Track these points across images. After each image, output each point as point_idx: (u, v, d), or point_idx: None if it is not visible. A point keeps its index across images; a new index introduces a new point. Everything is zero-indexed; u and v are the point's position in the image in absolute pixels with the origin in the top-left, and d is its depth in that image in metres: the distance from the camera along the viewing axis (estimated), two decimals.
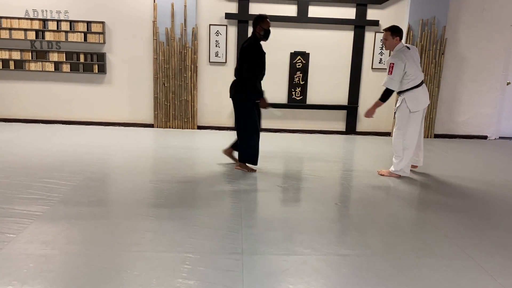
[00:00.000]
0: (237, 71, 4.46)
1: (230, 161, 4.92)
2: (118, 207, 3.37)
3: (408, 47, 4.45)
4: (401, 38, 4.47)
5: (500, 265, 2.60)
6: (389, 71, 4.35)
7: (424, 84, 4.52)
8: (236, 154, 4.77)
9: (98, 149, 5.38)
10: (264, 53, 4.41)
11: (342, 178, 4.55)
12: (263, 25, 4.30)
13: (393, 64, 4.32)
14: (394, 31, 4.42)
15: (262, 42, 4.40)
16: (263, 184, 4.16)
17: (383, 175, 4.67)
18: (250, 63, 4.30)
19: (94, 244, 2.64)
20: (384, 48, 7.19)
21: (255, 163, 4.58)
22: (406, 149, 4.53)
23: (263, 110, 4.78)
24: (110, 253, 2.53)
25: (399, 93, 4.52)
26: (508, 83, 7.52)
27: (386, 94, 4.43)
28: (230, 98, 4.51)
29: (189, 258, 2.49)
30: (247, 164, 4.60)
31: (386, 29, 4.47)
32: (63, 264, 2.38)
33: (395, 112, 4.67)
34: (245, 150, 4.53)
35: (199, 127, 7.31)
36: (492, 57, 7.35)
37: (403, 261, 2.59)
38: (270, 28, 4.37)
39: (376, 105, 4.51)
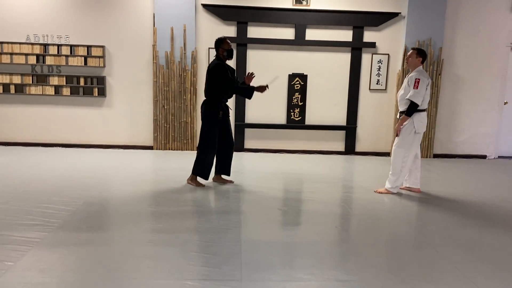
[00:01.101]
0: (206, 92, 4.76)
1: (228, 183, 4.93)
2: (117, 233, 3.36)
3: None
4: (423, 61, 4.69)
5: None
6: (415, 85, 4.52)
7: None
8: (225, 176, 5.04)
9: (98, 172, 5.38)
10: (233, 70, 4.91)
11: (342, 200, 4.54)
12: (224, 46, 4.68)
13: (419, 80, 4.51)
14: (420, 52, 4.68)
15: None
16: (263, 207, 4.15)
17: (380, 192, 4.79)
18: (221, 79, 4.61)
19: (92, 272, 2.62)
20: (381, 69, 7.27)
21: (206, 178, 4.84)
22: (404, 167, 4.73)
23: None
24: (108, 281, 2.51)
25: None
26: (505, 103, 7.57)
27: (412, 108, 4.58)
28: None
29: (188, 286, 2.46)
30: (198, 179, 4.87)
31: (413, 49, 4.75)
32: None
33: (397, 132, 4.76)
34: (201, 165, 4.79)
35: None
36: (488, 77, 7.42)
37: (404, 286, 2.57)
38: (270, 51, 4.57)
39: (403, 121, 4.65)
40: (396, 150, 4.73)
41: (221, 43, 4.68)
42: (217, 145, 4.80)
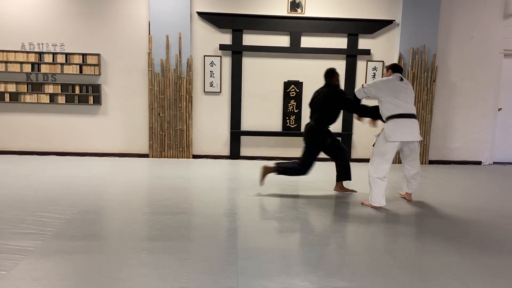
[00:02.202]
0: (320, 118, 4.92)
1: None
2: (112, 241, 3.33)
3: (401, 78, 4.50)
4: (393, 72, 4.61)
5: None
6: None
7: (413, 119, 4.37)
8: (346, 183, 5.26)
9: (93, 180, 5.35)
10: None
11: (338, 207, 4.53)
12: (336, 76, 4.99)
13: (383, 75, 4.66)
14: (388, 67, 4.74)
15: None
16: (259, 214, 4.14)
17: (368, 205, 4.52)
18: (346, 100, 4.91)
19: (87, 280, 2.59)
20: (376, 76, 7.30)
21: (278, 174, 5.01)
22: (375, 178, 4.38)
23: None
24: None
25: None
26: (499, 109, 7.62)
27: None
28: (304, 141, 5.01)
29: None
30: (269, 174, 4.98)
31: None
32: None
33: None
34: (289, 170, 4.95)
35: (194, 156, 7.32)
36: (482, 83, 7.48)
37: None
38: (265, 59, 4.69)
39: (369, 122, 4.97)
40: (370, 160, 4.49)
41: (334, 74, 4.97)
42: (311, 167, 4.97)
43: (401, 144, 4.44)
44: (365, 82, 7.31)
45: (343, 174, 5.09)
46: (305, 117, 7.35)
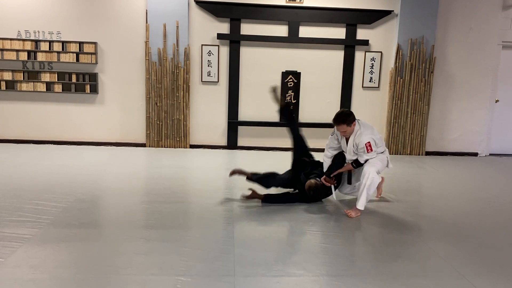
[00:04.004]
0: None
1: (223, 183, 4.93)
2: (108, 229, 3.34)
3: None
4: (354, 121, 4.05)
5: (492, 284, 2.59)
6: (369, 150, 3.92)
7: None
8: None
9: (90, 169, 5.34)
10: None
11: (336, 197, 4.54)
12: None
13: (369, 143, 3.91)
14: (349, 122, 3.97)
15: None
16: (256, 203, 4.14)
17: (354, 215, 3.91)
18: None
19: (84, 268, 2.60)
20: (374, 67, 7.29)
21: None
22: (375, 184, 4.00)
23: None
24: (99, 276, 2.49)
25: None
26: (496, 101, 7.63)
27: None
28: None
29: (180, 281, 2.46)
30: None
31: (340, 123, 3.98)
32: None
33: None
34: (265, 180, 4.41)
35: (192, 146, 7.31)
36: (480, 75, 7.47)
37: (396, 281, 2.58)
38: (263, 49, 4.43)
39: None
40: (374, 166, 3.94)
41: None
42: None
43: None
44: (363, 73, 7.31)
45: None
46: (303, 108, 7.35)
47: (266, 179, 4.37)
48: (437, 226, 3.67)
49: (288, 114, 4.89)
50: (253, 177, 4.39)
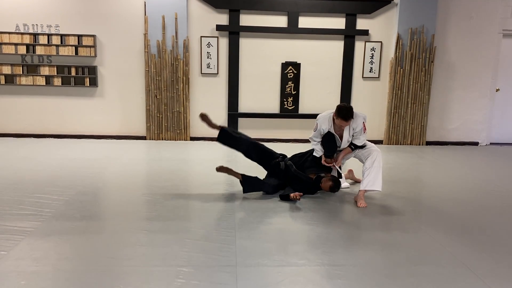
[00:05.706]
0: None
1: (224, 174, 4.91)
2: (110, 222, 3.35)
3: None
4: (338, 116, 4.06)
5: (491, 270, 2.60)
6: (365, 129, 4.06)
7: None
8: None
9: (91, 162, 5.35)
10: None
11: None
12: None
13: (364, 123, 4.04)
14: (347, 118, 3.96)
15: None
16: (257, 194, 4.15)
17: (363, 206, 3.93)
18: None
19: (86, 260, 2.61)
20: (374, 57, 7.27)
21: None
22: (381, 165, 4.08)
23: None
24: (102, 268, 2.51)
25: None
26: (497, 90, 7.61)
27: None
28: None
29: (183, 272, 2.47)
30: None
31: (351, 118, 3.95)
32: (55, 281, 2.35)
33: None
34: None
35: (192, 138, 7.31)
36: (480, 64, 7.44)
37: (398, 270, 2.59)
38: (263, 40, 4.31)
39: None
40: (377, 151, 4.06)
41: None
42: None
43: None
44: (363, 64, 7.29)
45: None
46: (303, 99, 7.34)
47: (259, 185, 4.15)
48: (437, 214, 3.68)
49: (228, 136, 4.44)
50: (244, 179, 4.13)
